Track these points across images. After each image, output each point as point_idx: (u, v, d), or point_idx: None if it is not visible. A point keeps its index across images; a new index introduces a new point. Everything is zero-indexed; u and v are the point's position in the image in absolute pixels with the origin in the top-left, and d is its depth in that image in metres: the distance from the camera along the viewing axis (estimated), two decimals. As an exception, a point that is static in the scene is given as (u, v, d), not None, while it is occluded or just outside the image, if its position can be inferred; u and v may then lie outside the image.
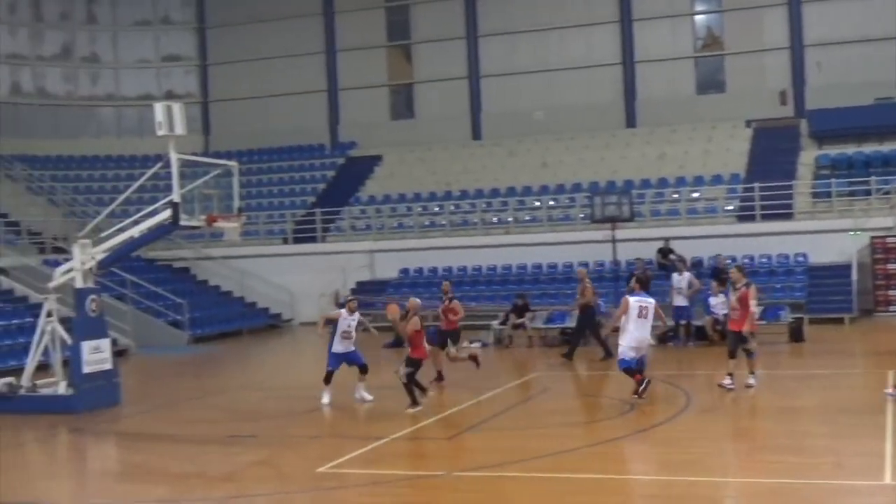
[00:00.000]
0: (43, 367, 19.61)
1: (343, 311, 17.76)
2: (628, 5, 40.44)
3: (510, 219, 34.92)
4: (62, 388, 18.30)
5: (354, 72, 44.07)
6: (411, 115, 43.94)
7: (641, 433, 14.52)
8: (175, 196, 17.90)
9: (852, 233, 29.75)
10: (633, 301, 16.81)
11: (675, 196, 33.93)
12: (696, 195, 34.07)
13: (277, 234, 37.93)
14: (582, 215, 33.03)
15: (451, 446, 14.21)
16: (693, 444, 13.72)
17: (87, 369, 18.18)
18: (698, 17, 41.26)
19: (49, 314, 18.78)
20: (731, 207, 33.31)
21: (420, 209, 36.57)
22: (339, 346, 17.62)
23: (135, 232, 18.90)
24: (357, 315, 17.76)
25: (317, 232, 37.00)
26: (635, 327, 16.71)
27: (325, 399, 17.58)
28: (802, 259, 30.50)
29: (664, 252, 29.61)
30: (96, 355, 18.42)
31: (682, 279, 24.96)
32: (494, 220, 35.32)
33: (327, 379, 17.62)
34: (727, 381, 17.45)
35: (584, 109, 40.38)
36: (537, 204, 35.39)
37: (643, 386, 16.60)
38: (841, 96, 36.13)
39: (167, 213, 18.13)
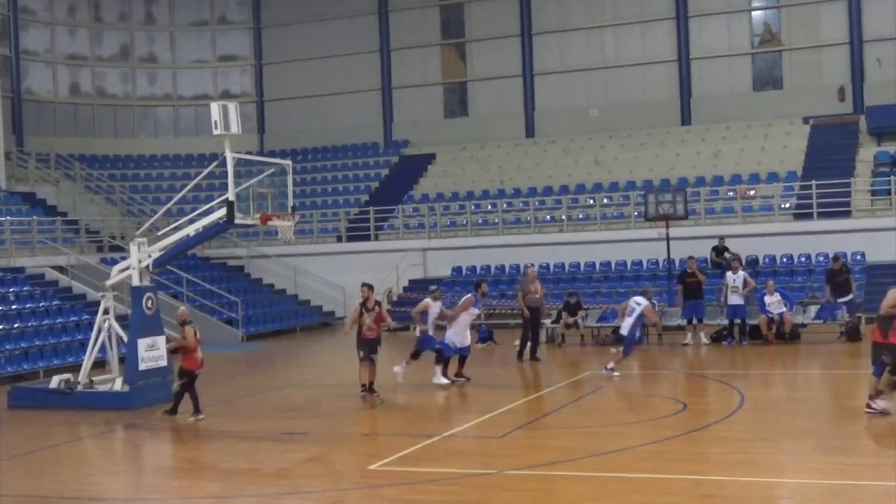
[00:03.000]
0: (100, 364, 19.91)
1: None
2: (684, 1, 40.08)
3: (563, 217, 34.78)
4: (118, 385, 18.53)
5: (408, 70, 44.15)
6: (465, 114, 43.92)
7: (695, 433, 14.39)
8: (230, 195, 18.02)
9: None
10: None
11: (731, 194, 33.60)
12: (751, 193, 33.68)
13: (331, 233, 38.12)
14: (636, 213, 32.84)
15: (503, 445, 14.17)
16: (747, 444, 13.58)
17: (142, 366, 18.41)
18: (755, 13, 40.78)
19: (106, 312, 19.04)
20: (787, 205, 32.91)
21: (473, 207, 36.55)
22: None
23: (190, 230, 19.06)
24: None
25: (370, 230, 37.13)
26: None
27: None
28: (860, 258, 30.04)
29: (719, 250, 29.35)
30: (152, 352, 18.64)
31: (736, 278, 24.75)
32: (548, 218, 35.21)
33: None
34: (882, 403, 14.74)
35: (638, 107, 40.12)
36: (591, 202, 35.23)
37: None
38: (901, 92, 35.59)
39: (222, 212, 18.27)
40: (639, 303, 19.75)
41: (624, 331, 19.90)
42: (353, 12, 44.51)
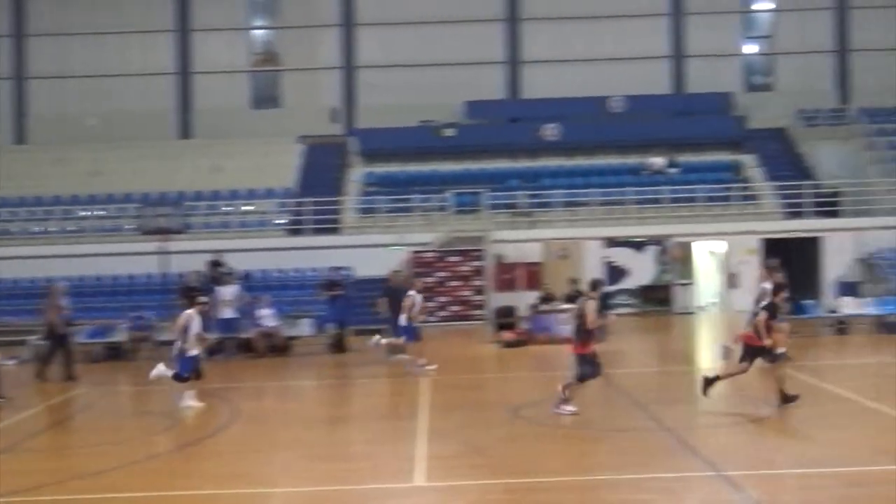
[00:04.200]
0: None
1: None
2: (187, 15, 40.15)
3: (54, 228, 33.38)
4: None
5: None
6: (-52, 117, 40.87)
7: (188, 447, 14.43)
8: None
9: (392, 247, 31.37)
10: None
11: (228, 209, 34.12)
12: (248, 208, 34.46)
13: None
14: (131, 226, 32.21)
15: (-20, 472, 13.30)
16: (240, 456, 13.81)
17: None
18: (257, 32, 41.77)
19: None
20: (282, 221, 33.99)
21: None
22: None
23: None
24: None
25: None
26: None
27: None
28: (348, 273, 31.57)
29: (214, 264, 29.55)
30: None
31: (228, 291, 25.13)
32: (36, 229, 33.60)
33: None
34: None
35: (140, 117, 39.60)
36: (83, 214, 34.12)
37: None
38: (389, 117, 38.07)
39: None
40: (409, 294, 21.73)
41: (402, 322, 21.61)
42: None
